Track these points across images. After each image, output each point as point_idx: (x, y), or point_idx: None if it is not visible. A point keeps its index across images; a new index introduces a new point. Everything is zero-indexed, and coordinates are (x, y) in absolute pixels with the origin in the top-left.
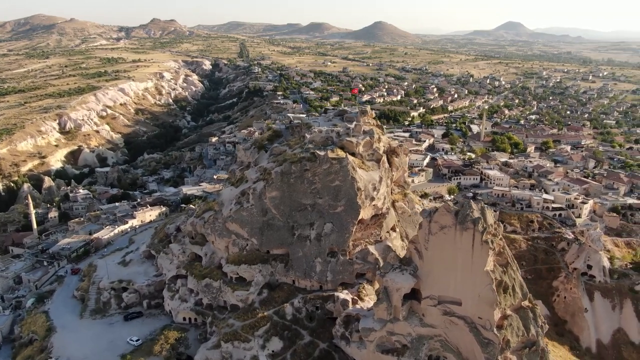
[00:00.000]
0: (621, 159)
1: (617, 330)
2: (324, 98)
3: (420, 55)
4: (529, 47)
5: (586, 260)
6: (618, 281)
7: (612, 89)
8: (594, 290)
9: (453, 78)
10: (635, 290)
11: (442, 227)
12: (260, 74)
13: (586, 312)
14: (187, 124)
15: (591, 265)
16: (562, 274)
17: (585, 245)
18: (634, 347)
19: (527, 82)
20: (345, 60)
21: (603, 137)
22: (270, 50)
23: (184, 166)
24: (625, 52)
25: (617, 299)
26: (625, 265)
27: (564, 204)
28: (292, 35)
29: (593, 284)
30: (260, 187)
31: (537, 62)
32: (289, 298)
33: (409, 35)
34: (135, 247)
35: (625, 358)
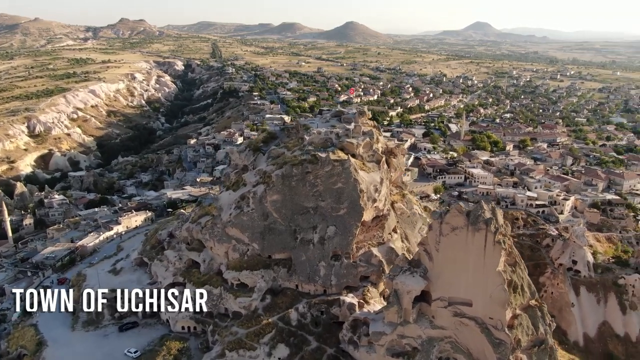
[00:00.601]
0: (597, 156)
1: (602, 323)
2: (301, 98)
3: (393, 55)
4: (497, 47)
5: (571, 255)
6: (602, 275)
7: (580, 88)
8: (580, 285)
9: (427, 78)
10: (619, 284)
11: (454, 228)
12: (235, 75)
13: (573, 307)
14: (161, 126)
15: (576, 261)
16: (549, 269)
17: (569, 241)
18: (618, 339)
19: (499, 81)
20: (319, 61)
21: (576, 134)
22: (243, 51)
23: (162, 169)
24: (589, 52)
25: (601, 293)
26: (608, 259)
27: (546, 201)
28: (263, 35)
29: (578, 279)
30: (261, 190)
31: (507, 62)
32: (293, 303)
33: (381, 35)
34: (125, 254)
35: (611, 350)
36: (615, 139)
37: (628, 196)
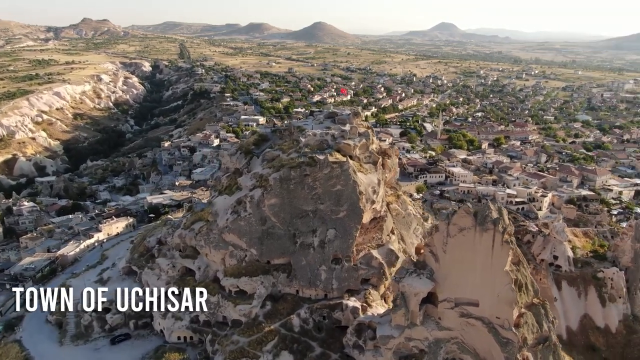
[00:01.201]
0: (568, 153)
1: (583, 316)
2: (275, 99)
3: (363, 56)
4: (463, 47)
5: (552, 251)
6: (582, 270)
7: (545, 87)
8: (561, 279)
9: (397, 78)
10: (598, 277)
11: (461, 229)
12: (205, 75)
13: (556, 301)
14: (130, 129)
15: (557, 256)
16: (531, 265)
17: (550, 236)
18: (599, 331)
19: (467, 80)
20: (290, 61)
21: (546, 132)
22: (212, 51)
23: (136, 173)
24: (550, 52)
25: (582, 286)
26: (586, 254)
27: (525, 198)
28: (231, 35)
29: (560, 274)
30: (258, 194)
31: (474, 62)
32: (294, 309)
33: (349, 36)
34: (110, 263)
35: (593, 342)
36: (582, 136)
37: (601, 191)
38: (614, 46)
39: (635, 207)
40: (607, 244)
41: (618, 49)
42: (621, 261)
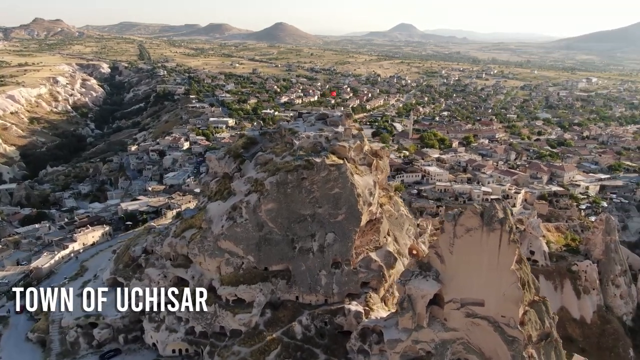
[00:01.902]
0: (535, 150)
1: (560, 308)
2: (242, 100)
3: (326, 56)
4: (423, 47)
5: (529, 246)
6: (557, 264)
7: (504, 86)
8: (538, 273)
9: (362, 78)
10: (572, 271)
11: (468, 229)
12: (167, 77)
13: None
14: (91, 132)
15: (533, 251)
16: None
17: (526, 232)
18: (575, 322)
19: (430, 80)
20: (253, 62)
21: (511, 130)
22: (173, 52)
23: (103, 179)
24: (505, 52)
25: (557, 280)
26: (560, 248)
27: (500, 195)
28: (191, 36)
29: (537, 268)
30: (254, 199)
31: (435, 62)
32: (295, 316)
33: (310, 36)
34: (91, 274)
35: (570, 333)
36: (545, 133)
37: (569, 187)
38: (564, 46)
39: (601, 202)
40: (579, 238)
41: (569, 49)
42: (593, 254)
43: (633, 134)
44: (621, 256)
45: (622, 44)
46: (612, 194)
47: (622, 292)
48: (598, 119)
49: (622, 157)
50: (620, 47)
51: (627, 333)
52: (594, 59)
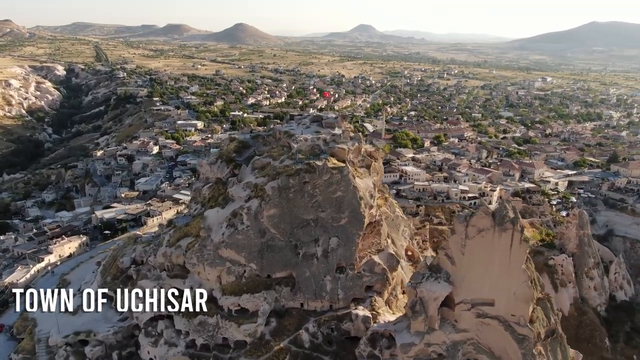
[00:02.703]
0: (504, 148)
1: None
2: (208, 102)
3: (289, 57)
4: (383, 48)
5: None
6: (535, 258)
7: (466, 86)
8: None
9: (327, 78)
10: (549, 265)
11: (480, 230)
12: (128, 79)
13: None
14: (49, 137)
15: None
16: None
17: None
18: None
19: (394, 81)
20: (216, 63)
21: (478, 129)
22: (131, 54)
23: (68, 186)
24: (462, 52)
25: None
26: (536, 243)
27: (477, 193)
28: (148, 37)
29: None
30: (255, 205)
31: (397, 62)
32: (301, 323)
33: (271, 37)
34: (75, 288)
35: None
36: (510, 131)
37: (540, 183)
38: (518, 47)
39: (571, 197)
40: (553, 233)
41: (522, 49)
42: (568, 248)
43: (591, 131)
44: (594, 249)
45: (572, 44)
46: (580, 189)
47: (596, 284)
48: (557, 117)
49: (585, 154)
50: (570, 47)
51: (602, 323)
52: (546, 59)
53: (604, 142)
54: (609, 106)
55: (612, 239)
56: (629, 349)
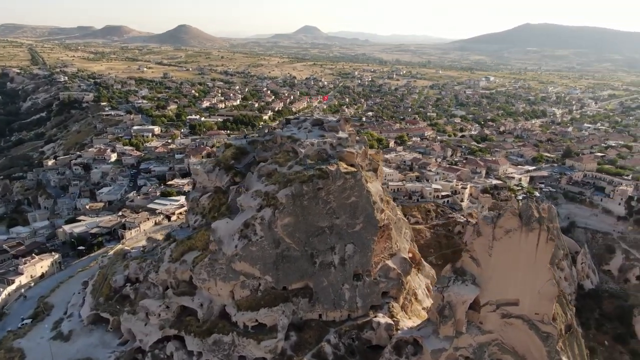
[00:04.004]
0: (467, 146)
1: None
2: (160, 107)
3: (237, 59)
4: (329, 49)
5: None
6: None
7: (415, 86)
8: None
9: (279, 80)
10: None
11: (508, 231)
12: (70, 83)
13: None
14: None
15: None
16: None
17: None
18: None
19: (346, 82)
20: (162, 66)
21: (437, 127)
22: (70, 57)
23: (18, 198)
24: (406, 53)
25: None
26: None
27: (449, 191)
28: (85, 39)
29: None
30: (269, 214)
31: (346, 63)
32: (322, 335)
33: (216, 39)
34: (60, 311)
35: None
36: (466, 129)
37: (505, 180)
38: (458, 47)
39: (534, 192)
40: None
41: (462, 50)
42: None
43: (540, 127)
44: (562, 241)
45: (508, 45)
46: (541, 184)
47: (566, 274)
48: (505, 114)
49: (541, 149)
50: (507, 48)
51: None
52: (486, 59)
53: (553, 137)
54: (550, 103)
55: (574, 230)
56: (600, 335)
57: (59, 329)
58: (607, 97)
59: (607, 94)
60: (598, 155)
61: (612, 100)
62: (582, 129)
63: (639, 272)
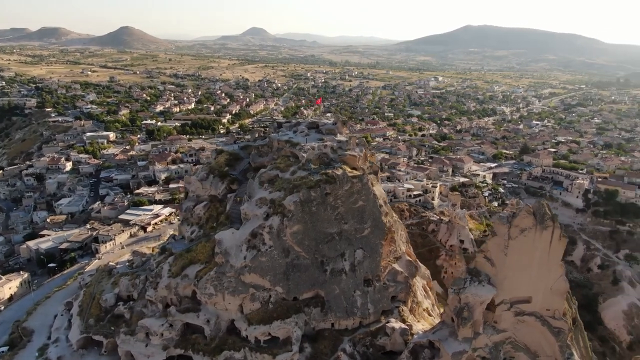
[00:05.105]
0: (430, 145)
1: None
2: (112, 112)
3: (185, 61)
4: (278, 51)
5: (458, 235)
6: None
7: (368, 87)
8: (469, 260)
9: (231, 82)
10: None
11: (523, 229)
12: (8, 88)
13: None
14: None
15: (463, 240)
16: (442, 252)
17: (454, 223)
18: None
19: (299, 83)
20: (107, 69)
21: (397, 127)
22: (5, 60)
23: None
24: (355, 54)
25: None
26: (482, 234)
27: (420, 190)
28: (20, 41)
29: (467, 255)
30: (277, 223)
31: (297, 65)
32: (336, 345)
33: (160, 41)
34: (43, 336)
35: None
36: (424, 129)
37: (471, 177)
38: (404, 49)
39: (499, 188)
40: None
41: (408, 51)
42: None
43: (493, 125)
44: None
45: (451, 46)
46: (503, 180)
47: None
48: (458, 113)
49: (499, 147)
50: (450, 49)
51: None
52: (431, 60)
53: (507, 135)
54: (498, 102)
55: None
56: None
57: (45, 356)
58: (549, 95)
59: (548, 92)
60: (552, 150)
61: (553, 98)
62: (532, 126)
63: (600, 261)
